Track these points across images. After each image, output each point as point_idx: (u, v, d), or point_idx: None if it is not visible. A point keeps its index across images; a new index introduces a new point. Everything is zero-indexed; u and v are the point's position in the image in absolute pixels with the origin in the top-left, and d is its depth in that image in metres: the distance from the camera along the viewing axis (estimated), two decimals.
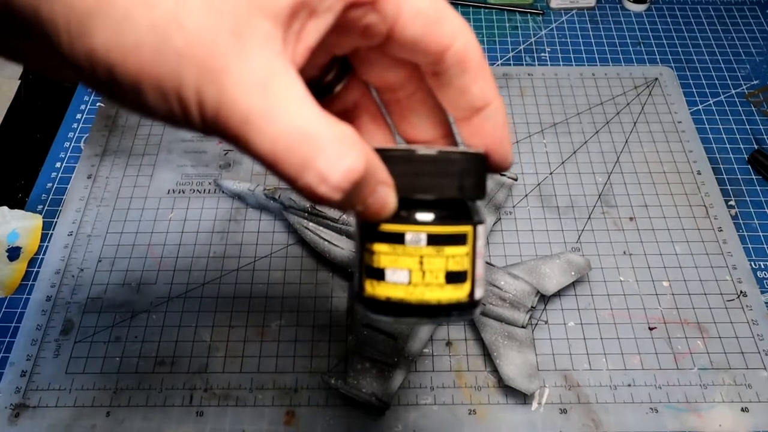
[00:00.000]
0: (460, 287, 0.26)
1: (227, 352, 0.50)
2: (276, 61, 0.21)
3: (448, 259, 0.26)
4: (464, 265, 0.26)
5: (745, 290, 0.53)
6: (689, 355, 0.50)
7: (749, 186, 0.60)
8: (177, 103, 0.21)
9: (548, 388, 0.48)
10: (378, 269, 0.26)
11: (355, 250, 0.28)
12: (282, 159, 0.21)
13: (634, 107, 0.66)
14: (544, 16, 0.76)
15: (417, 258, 0.26)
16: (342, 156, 0.22)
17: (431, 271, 0.26)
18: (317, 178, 0.22)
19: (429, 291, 0.26)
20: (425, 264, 0.26)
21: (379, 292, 0.27)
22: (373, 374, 0.46)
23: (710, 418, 0.47)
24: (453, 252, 0.26)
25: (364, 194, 0.24)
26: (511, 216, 0.58)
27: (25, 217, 0.57)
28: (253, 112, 0.21)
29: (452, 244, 0.26)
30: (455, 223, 0.26)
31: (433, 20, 0.25)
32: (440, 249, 0.26)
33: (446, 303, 0.26)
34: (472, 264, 0.27)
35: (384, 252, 0.26)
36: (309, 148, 0.21)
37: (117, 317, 0.52)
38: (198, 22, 0.20)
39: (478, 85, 0.27)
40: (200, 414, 0.47)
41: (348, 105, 0.30)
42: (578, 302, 0.53)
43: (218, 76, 0.20)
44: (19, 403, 0.47)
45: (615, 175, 0.61)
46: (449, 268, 0.26)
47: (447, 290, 0.26)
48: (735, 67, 0.71)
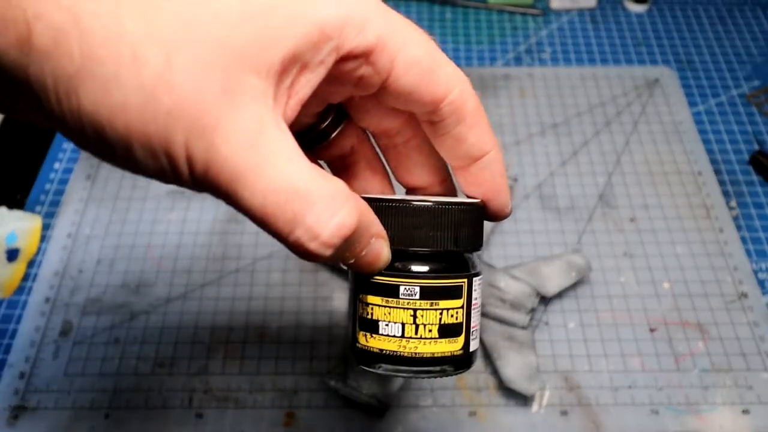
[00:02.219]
0: (454, 341, 0.26)
1: (226, 354, 0.50)
2: (266, 117, 0.21)
3: (442, 313, 0.26)
4: (459, 318, 0.26)
5: (746, 291, 0.53)
6: (690, 356, 0.50)
7: (750, 187, 0.60)
8: (166, 161, 0.21)
9: (549, 389, 0.48)
10: (371, 321, 0.26)
11: (348, 299, 0.28)
12: (272, 216, 0.21)
13: (634, 108, 0.66)
14: (544, 16, 0.76)
15: (410, 311, 0.26)
16: (333, 212, 0.22)
17: (425, 324, 0.26)
18: (308, 235, 0.22)
19: (422, 345, 0.26)
20: (419, 318, 0.26)
21: (372, 344, 0.26)
22: (373, 375, 0.46)
23: (711, 420, 0.47)
24: (447, 305, 0.26)
25: (357, 248, 0.24)
26: (511, 217, 0.57)
27: (23, 218, 0.57)
28: (242, 169, 0.21)
29: (447, 297, 0.26)
30: (450, 276, 0.26)
31: (427, 70, 0.25)
32: (434, 302, 0.26)
33: (440, 357, 0.26)
34: (467, 316, 0.26)
35: (377, 304, 0.26)
36: (299, 205, 0.21)
37: (116, 319, 0.51)
38: (187, 80, 0.20)
39: (475, 134, 0.26)
40: (199, 416, 0.47)
41: (344, 151, 0.30)
42: (579, 303, 0.52)
43: (207, 133, 0.20)
44: (17, 404, 0.47)
45: (615, 176, 0.61)
46: (443, 321, 0.26)
47: (441, 344, 0.26)
48: (736, 67, 0.71)
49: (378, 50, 0.24)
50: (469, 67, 0.70)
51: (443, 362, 0.26)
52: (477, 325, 0.28)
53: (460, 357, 0.26)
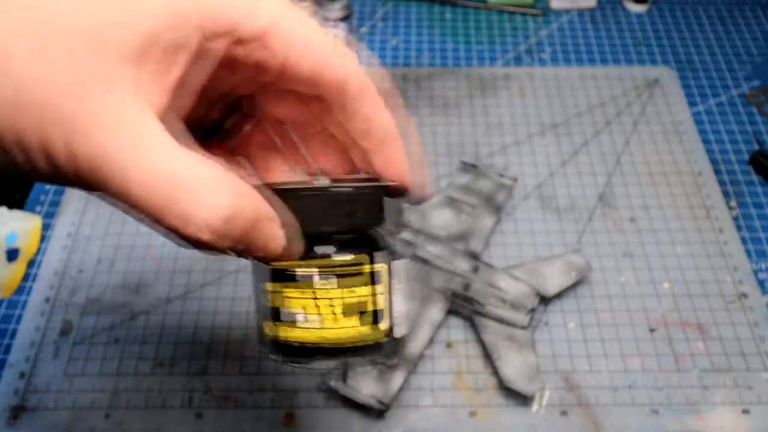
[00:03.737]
0: (365, 322, 0.25)
1: (226, 354, 0.50)
2: (127, 103, 0.21)
3: (344, 293, 0.24)
4: (380, 303, 0.25)
5: (746, 292, 0.53)
6: (690, 356, 0.50)
7: (750, 187, 0.60)
8: (42, 157, 0.20)
9: (549, 389, 0.48)
10: (273, 309, 0.25)
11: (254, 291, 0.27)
12: (143, 201, 0.21)
13: (634, 108, 0.66)
14: (544, 16, 0.76)
15: (310, 295, 0.24)
16: (208, 195, 0.21)
17: (327, 306, 0.24)
18: (180, 219, 0.21)
19: (328, 329, 0.24)
20: (319, 301, 0.24)
21: (278, 333, 0.25)
22: (372, 376, 0.46)
23: (711, 420, 0.47)
24: (365, 291, 0.25)
25: (246, 233, 0.23)
26: (511, 217, 0.58)
27: (23, 218, 0.57)
28: (104, 158, 0.20)
29: (365, 284, 0.25)
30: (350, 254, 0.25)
31: (325, 53, 0.25)
32: (352, 290, 0.24)
33: (348, 340, 0.24)
34: (390, 301, 0.25)
35: (276, 291, 0.25)
36: (170, 189, 0.21)
37: (116, 319, 0.51)
38: (52, 71, 0.20)
39: (377, 115, 0.27)
40: (199, 416, 0.47)
41: (243, 142, 0.30)
42: (578, 303, 0.52)
43: (74, 124, 0.20)
44: (17, 404, 0.47)
45: (615, 176, 0.61)
46: (346, 302, 0.24)
47: (349, 326, 0.24)
48: (736, 67, 0.71)
49: (272, 34, 0.24)
50: (469, 67, 0.70)
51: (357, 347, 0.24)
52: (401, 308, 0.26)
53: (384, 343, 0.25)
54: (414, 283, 0.50)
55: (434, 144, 0.63)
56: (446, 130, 0.64)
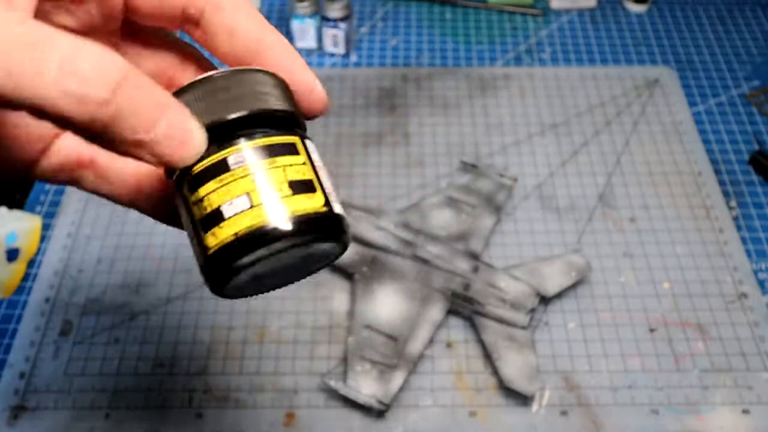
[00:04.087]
0: (311, 196, 0.23)
1: (226, 354, 0.50)
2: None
3: (285, 170, 0.23)
4: (306, 173, 0.23)
5: (746, 292, 0.53)
6: (690, 356, 0.50)
7: (750, 187, 0.60)
8: None
9: (549, 389, 0.48)
10: (213, 212, 0.22)
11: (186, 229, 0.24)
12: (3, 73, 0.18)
13: (634, 108, 0.66)
14: (544, 16, 0.76)
15: (250, 177, 0.22)
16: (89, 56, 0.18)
17: (270, 184, 0.22)
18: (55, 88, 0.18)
19: (276, 206, 0.22)
20: (261, 180, 0.22)
21: (224, 234, 0.22)
22: (372, 376, 0.46)
23: (711, 420, 0.47)
24: (288, 161, 0.23)
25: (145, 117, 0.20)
26: (511, 217, 0.58)
27: (23, 218, 0.57)
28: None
29: (284, 154, 0.23)
30: (278, 134, 0.23)
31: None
32: (272, 161, 0.23)
33: (302, 214, 0.22)
34: (316, 174, 0.23)
35: (212, 190, 0.22)
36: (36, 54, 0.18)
37: (116, 319, 0.51)
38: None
39: (243, 23, 0.24)
40: (199, 416, 0.47)
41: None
42: (578, 303, 0.52)
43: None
44: (17, 404, 0.47)
45: (615, 176, 0.61)
46: (290, 177, 0.23)
47: (298, 200, 0.23)
48: (736, 67, 0.71)
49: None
50: (469, 67, 0.70)
51: (310, 224, 0.22)
52: (332, 188, 0.24)
53: (326, 216, 0.23)
54: (414, 282, 0.50)
55: (434, 144, 0.63)
56: (446, 130, 0.64)
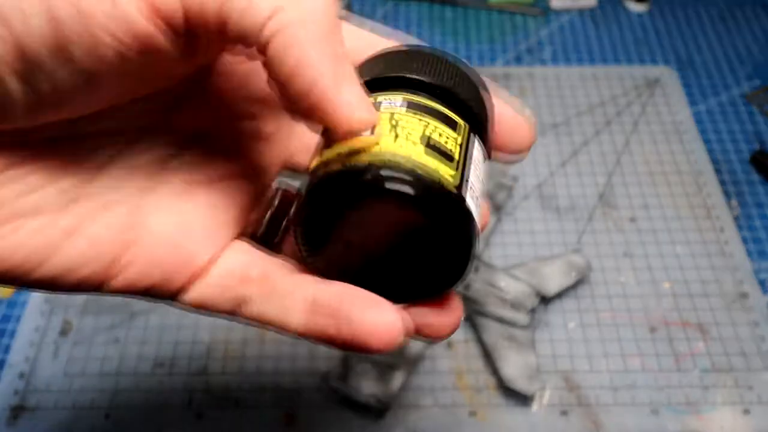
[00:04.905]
0: (445, 162, 0.20)
1: (226, 354, 0.50)
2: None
3: (429, 126, 0.20)
4: (451, 146, 0.21)
5: (746, 291, 0.53)
6: (690, 356, 0.50)
7: (751, 187, 0.60)
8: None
9: (549, 389, 0.48)
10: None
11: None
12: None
13: (635, 107, 0.66)
14: (544, 15, 0.76)
15: (388, 115, 0.20)
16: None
17: (405, 130, 0.20)
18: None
19: (401, 150, 0.20)
20: (399, 126, 0.20)
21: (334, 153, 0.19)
22: (373, 375, 0.46)
23: (711, 420, 0.47)
24: (436, 124, 0.21)
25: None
26: (511, 217, 0.58)
27: None
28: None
29: (437, 118, 0.21)
30: (447, 107, 0.21)
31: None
32: (421, 115, 0.21)
33: (429, 169, 0.19)
34: (464, 159, 0.21)
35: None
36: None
37: (116, 318, 0.51)
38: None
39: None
40: (199, 416, 0.47)
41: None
42: (579, 303, 0.52)
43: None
44: (17, 404, 0.47)
45: (616, 176, 0.60)
46: (429, 134, 0.20)
47: (428, 157, 0.20)
48: (737, 66, 0.71)
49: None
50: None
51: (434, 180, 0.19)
52: (477, 190, 0.22)
53: (452, 195, 0.20)
54: None
55: None
56: None
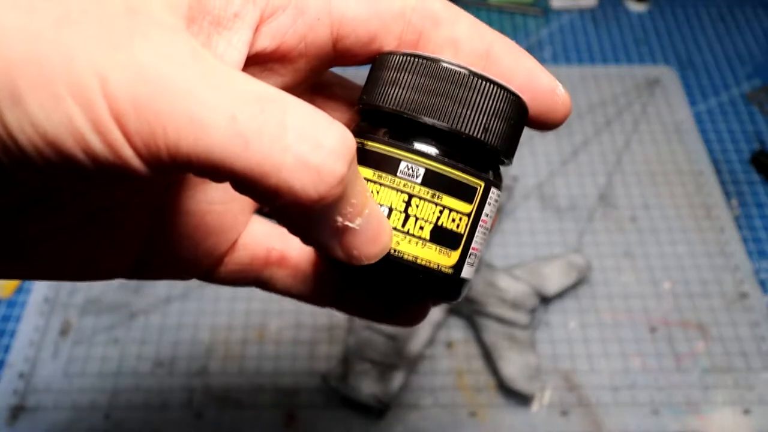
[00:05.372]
0: (447, 253, 0.21)
1: (226, 354, 0.50)
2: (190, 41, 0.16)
3: (443, 212, 0.20)
4: (461, 227, 0.21)
5: (746, 291, 0.53)
6: (691, 356, 0.50)
7: (751, 187, 0.60)
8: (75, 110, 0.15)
9: (549, 389, 0.48)
10: None
11: None
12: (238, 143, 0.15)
13: (635, 107, 0.66)
14: (544, 15, 0.76)
15: (405, 196, 0.20)
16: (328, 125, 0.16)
17: (417, 218, 0.20)
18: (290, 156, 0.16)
19: (407, 243, 0.20)
20: (413, 207, 0.20)
21: None
22: (373, 376, 0.46)
23: (712, 420, 0.47)
24: (452, 204, 0.20)
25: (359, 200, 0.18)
26: (511, 217, 0.57)
27: None
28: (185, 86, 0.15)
29: (454, 194, 0.20)
30: (467, 171, 0.20)
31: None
32: (437, 195, 0.20)
33: (424, 266, 0.20)
34: (471, 229, 0.21)
35: (368, 178, 0.20)
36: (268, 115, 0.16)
37: (116, 319, 0.51)
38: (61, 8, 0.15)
39: (466, 32, 0.21)
40: (199, 416, 0.47)
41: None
42: (579, 303, 0.52)
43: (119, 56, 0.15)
44: (17, 404, 0.47)
45: (616, 176, 0.60)
46: (441, 223, 0.20)
47: (430, 250, 0.20)
48: (737, 66, 0.71)
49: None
50: None
51: (429, 277, 0.20)
52: (478, 248, 0.22)
53: (449, 278, 0.21)
54: None
55: None
56: None
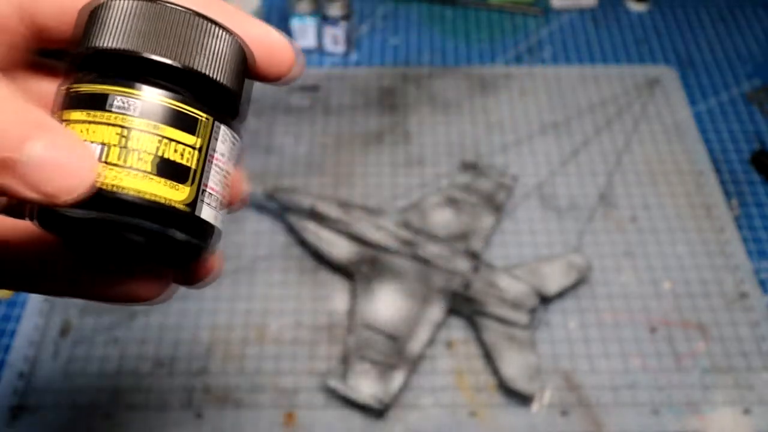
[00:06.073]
0: (175, 186, 0.19)
1: (226, 354, 0.50)
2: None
3: (163, 142, 0.19)
4: (188, 160, 0.19)
5: (747, 291, 0.53)
6: (691, 356, 0.50)
7: (752, 187, 0.60)
8: None
9: (549, 389, 0.48)
10: None
11: None
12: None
13: (635, 107, 0.66)
14: (544, 15, 0.76)
15: (118, 129, 0.19)
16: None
17: (136, 150, 0.19)
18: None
19: (128, 177, 0.19)
20: (130, 139, 0.19)
21: None
22: (373, 376, 0.46)
23: (712, 420, 0.47)
24: (174, 135, 0.19)
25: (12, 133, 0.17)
26: (511, 217, 0.57)
27: None
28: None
29: (175, 125, 0.19)
30: (186, 101, 0.20)
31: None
32: (157, 126, 0.19)
33: (153, 201, 0.19)
34: (201, 165, 0.20)
35: (78, 120, 0.19)
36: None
37: (116, 318, 0.51)
38: None
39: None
40: (199, 416, 0.47)
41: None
42: (579, 303, 0.52)
43: None
44: (17, 404, 0.47)
45: (616, 176, 0.60)
46: (164, 154, 0.19)
47: (155, 183, 0.19)
48: (737, 66, 0.70)
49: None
50: (470, 66, 0.70)
51: (160, 213, 0.19)
52: (217, 190, 0.21)
53: (183, 215, 0.19)
54: (414, 282, 0.50)
55: (434, 143, 0.63)
56: (446, 130, 0.64)
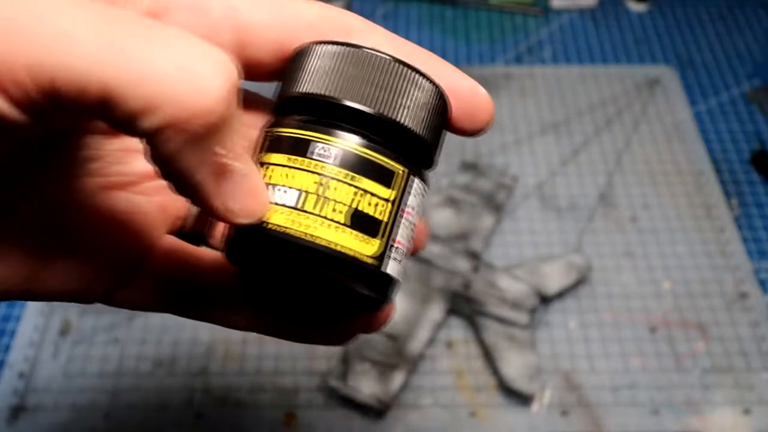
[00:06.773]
0: (366, 240, 0.19)
1: (226, 354, 0.50)
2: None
3: (359, 194, 0.19)
4: (380, 213, 0.19)
5: (746, 291, 0.53)
6: (691, 356, 0.50)
7: (752, 187, 0.60)
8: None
9: (549, 389, 0.48)
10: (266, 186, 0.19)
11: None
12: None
13: (635, 107, 0.66)
14: (544, 15, 0.76)
15: (317, 177, 0.19)
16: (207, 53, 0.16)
17: (332, 200, 0.19)
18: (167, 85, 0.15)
19: (321, 226, 0.18)
20: (328, 188, 0.19)
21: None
22: (373, 375, 0.46)
23: (712, 420, 0.47)
24: (369, 187, 0.19)
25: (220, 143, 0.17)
26: (511, 217, 0.57)
27: None
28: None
29: (372, 177, 0.19)
30: (385, 153, 0.19)
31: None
32: (354, 177, 0.19)
33: (342, 252, 0.19)
34: (393, 218, 0.19)
35: (278, 163, 0.19)
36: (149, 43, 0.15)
37: (116, 318, 0.51)
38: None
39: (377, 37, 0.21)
40: (199, 416, 0.47)
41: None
42: (579, 303, 0.52)
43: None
44: (17, 404, 0.47)
45: (616, 176, 0.60)
46: (358, 206, 0.19)
47: (347, 235, 0.19)
48: (737, 66, 0.71)
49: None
50: (470, 66, 0.70)
51: (347, 266, 0.19)
52: (403, 243, 0.20)
53: (370, 269, 0.19)
54: (414, 282, 0.50)
55: None
56: None
